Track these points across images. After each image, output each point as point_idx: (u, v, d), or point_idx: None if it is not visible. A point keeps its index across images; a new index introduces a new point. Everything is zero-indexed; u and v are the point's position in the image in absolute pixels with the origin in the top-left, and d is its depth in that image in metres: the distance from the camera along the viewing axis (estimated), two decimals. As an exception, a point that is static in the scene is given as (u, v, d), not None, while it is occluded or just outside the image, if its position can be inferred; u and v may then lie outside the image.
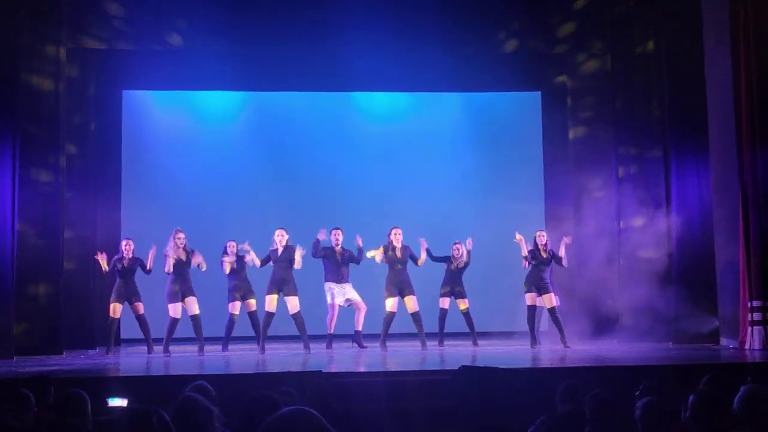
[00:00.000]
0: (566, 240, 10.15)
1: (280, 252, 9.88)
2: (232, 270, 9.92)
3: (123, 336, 11.44)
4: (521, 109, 12.84)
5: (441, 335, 10.29)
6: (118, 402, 5.83)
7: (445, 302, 10.33)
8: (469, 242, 10.29)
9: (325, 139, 12.54)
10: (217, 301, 10.29)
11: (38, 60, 10.12)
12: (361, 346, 10.04)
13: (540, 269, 9.96)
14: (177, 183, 12.22)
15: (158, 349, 9.81)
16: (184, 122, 12.41)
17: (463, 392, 6.77)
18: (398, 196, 12.37)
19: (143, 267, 9.94)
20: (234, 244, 9.98)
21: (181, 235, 9.80)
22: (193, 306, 9.76)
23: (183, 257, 9.76)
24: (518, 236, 10.00)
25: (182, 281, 9.74)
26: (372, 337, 10.18)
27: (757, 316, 8.86)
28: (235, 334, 10.19)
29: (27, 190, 9.76)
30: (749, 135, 9.04)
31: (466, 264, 10.31)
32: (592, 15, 11.33)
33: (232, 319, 9.98)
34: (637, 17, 11.05)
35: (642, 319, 10.48)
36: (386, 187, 12.47)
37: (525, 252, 9.97)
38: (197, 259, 9.79)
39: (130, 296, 9.89)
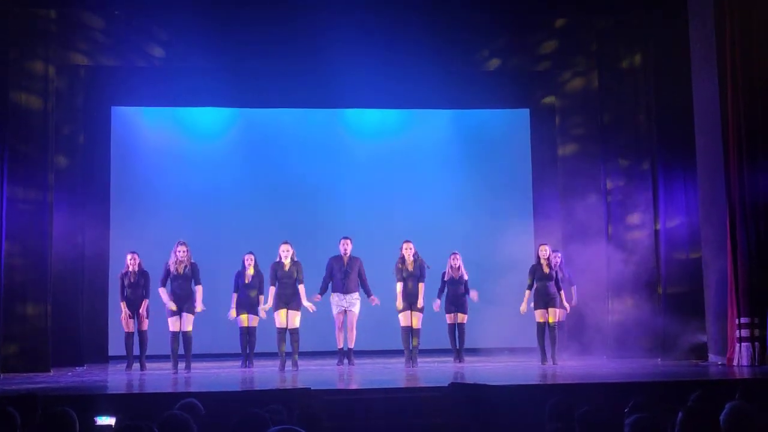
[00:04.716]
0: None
1: (287, 268, 9.86)
2: (241, 285, 10.00)
3: (111, 353, 11.41)
4: (510, 125, 12.91)
5: (455, 349, 10.39)
6: (106, 420, 5.79)
7: (450, 318, 10.45)
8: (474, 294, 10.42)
9: (314, 156, 12.56)
10: (206, 318, 10.27)
11: (27, 77, 10.12)
12: (350, 363, 10.06)
13: (545, 284, 9.94)
14: (166, 199, 12.20)
15: (151, 366, 9.89)
16: (173, 138, 12.42)
17: (453, 409, 6.76)
18: (387, 212, 12.39)
19: (147, 283, 9.96)
20: (252, 256, 10.04)
21: (182, 248, 9.74)
22: (188, 323, 9.71)
23: (181, 271, 9.71)
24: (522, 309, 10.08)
25: (182, 296, 9.69)
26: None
27: (745, 332, 8.86)
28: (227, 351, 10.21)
29: (15, 207, 9.72)
30: (736, 149, 9.09)
31: (463, 281, 10.42)
32: (578, 32, 11.42)
33: (242, 332, 10.04)
34: (624, 33, 11.14)
35: (630, 336, 10.51)
36: (375, 204, 12.48)
37: (525, 300, 10.00)
38: (198, 305, 9.74)
39: (136, 310, 9.98)
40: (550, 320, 9.91)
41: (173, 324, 9.67)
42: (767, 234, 9.04)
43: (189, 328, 9.70)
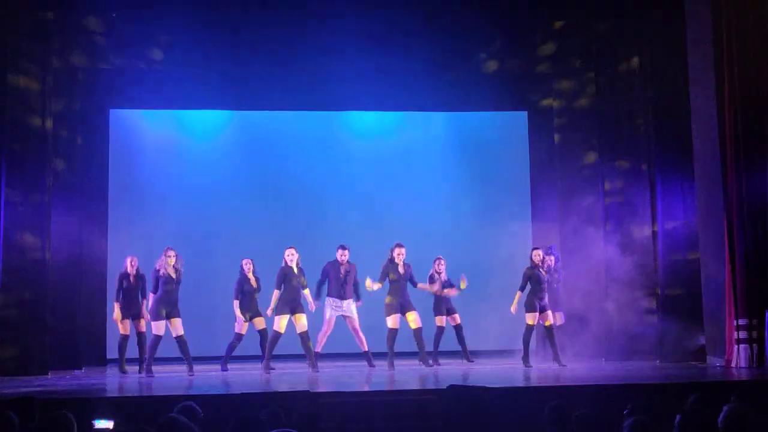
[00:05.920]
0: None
1: (296, 273, 9.91)
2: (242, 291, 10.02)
3: (109, 356, 11.37)
4: (508, 128, 12.91)
5: (436, 353, 10.30)
6: (104, 424, 5.78)
7: (441, 320, 10.38)
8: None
9: (312, 158, 12.56)
10: (203, 320, 10.26)
11: (25, 78, 10.11)
12: (370, 364, 10.07)
13: (538, 289, 9.98)
14: (164, 201, 12.19)
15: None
16: (172, 141, 12.40)
17: (451, 412, 6.75)
18: (384, 214, 12.39)
19: (145, 286, 9.99)
20: (250, 261, 10.08)
21: (171, 253, 9.76)
22: (179, 327, 9.67)
23: (173, 275, 9.71)
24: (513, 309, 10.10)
25: (168, 301, 9.67)
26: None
27: (743, 334, 8.89)
28: (221, 353, 10.20)
29: (13, 209, 9.71)
30: (733, 153, 9.11)
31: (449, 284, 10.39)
32: (576, 34, 11.42)
33: (237, 338, 10.07)
34: (621, 36, 11.15)
35: (629, 338, 10.51)
36: (372, 206, 12.49)
37: (516, 300, 10.03)
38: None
39: (134, 313, 10.00)
40: (547, 323, 9.97)
41: (157, 328, 9.60)
42: (765, 236, 9.07)
43: (181, 332, 9.63)
